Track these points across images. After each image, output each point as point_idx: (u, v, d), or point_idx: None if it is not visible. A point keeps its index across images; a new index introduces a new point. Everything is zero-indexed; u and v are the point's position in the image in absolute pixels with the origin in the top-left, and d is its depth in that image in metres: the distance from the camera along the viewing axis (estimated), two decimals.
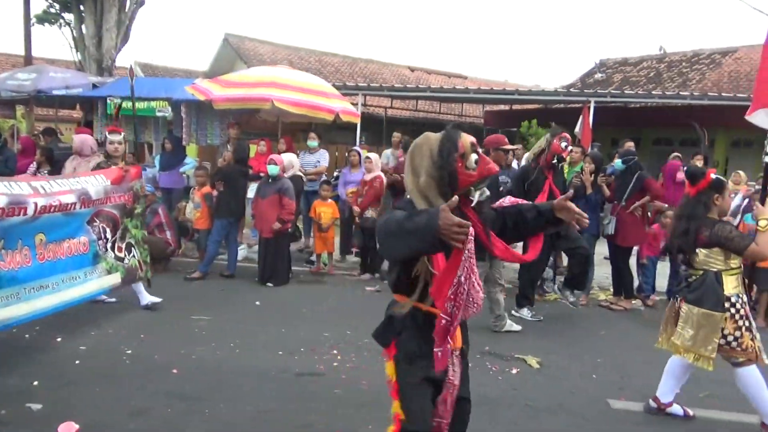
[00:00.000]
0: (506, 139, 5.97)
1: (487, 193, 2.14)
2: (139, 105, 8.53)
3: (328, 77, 14.95)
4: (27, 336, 4.63)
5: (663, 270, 7.05)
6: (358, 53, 26.34)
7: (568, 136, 5.89)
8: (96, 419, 3.31)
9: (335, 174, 9.13)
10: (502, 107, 18.49)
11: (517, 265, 6.54)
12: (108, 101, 8.83)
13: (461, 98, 17.15)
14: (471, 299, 1.88)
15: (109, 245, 4.76)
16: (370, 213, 7.25)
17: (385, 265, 7.59)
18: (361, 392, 3.87)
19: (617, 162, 6.61)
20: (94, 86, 9.40)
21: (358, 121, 9.97)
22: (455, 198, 1.81)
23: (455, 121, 2.02)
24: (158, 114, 8.87)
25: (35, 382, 3.75)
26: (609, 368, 4.60)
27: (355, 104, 11.16)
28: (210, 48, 38.33)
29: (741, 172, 7.95)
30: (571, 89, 17.87)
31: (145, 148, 11.30)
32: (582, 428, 3.56)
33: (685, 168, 4.09)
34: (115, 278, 4.83)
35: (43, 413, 3.35)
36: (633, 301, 6.56)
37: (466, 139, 2.11)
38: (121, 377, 3.92)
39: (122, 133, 5.67)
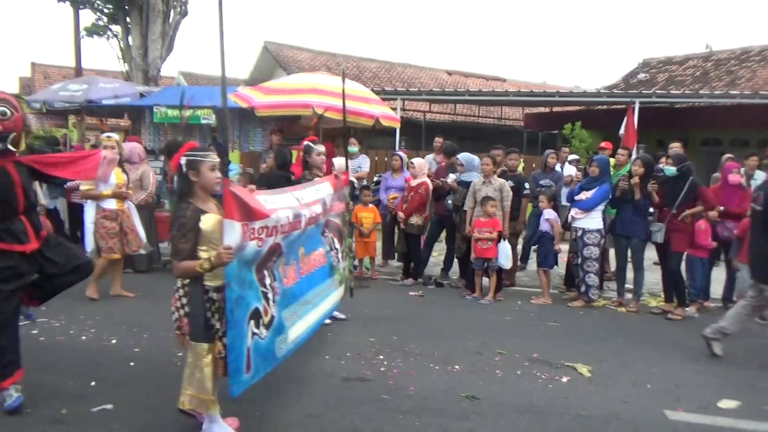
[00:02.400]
0: None
1: None
2: (186, 113, 8.76)
3: (366, 82, 15.01)
4: (83, 338, 4.79)
5: (718, 276, 6.80)
6: (395, 58, 26.39)
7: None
8: (148, 421, 3.38)
9: (375, 179, 9.13)
10: (542, 109, 18.20)
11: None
12: (154, 110, 9.07)
13: (500, 101, 17.00)
14: None
15: (340, 255, 4.53)
16: (414, 219, 7.22)
17: (432, 270, 7.55)
18: (409, 398, 3.84)
19: (670, 169, 6.19)
20: (141, 95, 9.66)
21: (398, 125, 9.96)
22: None
23: None
24: (203, 121, 9.05)
25: (92, 383, 3.86)
26: (663, 377, 4.44)
27: (394, 109, 11.16)
28: (250, 56, 39.00)
29: None
30: (614, 90, 17.48)
31: None
32: None
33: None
34: (342, 290, 4.61)
35: (101, 414, 3.44)
36: (687, 309, 6.29)
37: None
38: (170, 379, 3.97)
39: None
